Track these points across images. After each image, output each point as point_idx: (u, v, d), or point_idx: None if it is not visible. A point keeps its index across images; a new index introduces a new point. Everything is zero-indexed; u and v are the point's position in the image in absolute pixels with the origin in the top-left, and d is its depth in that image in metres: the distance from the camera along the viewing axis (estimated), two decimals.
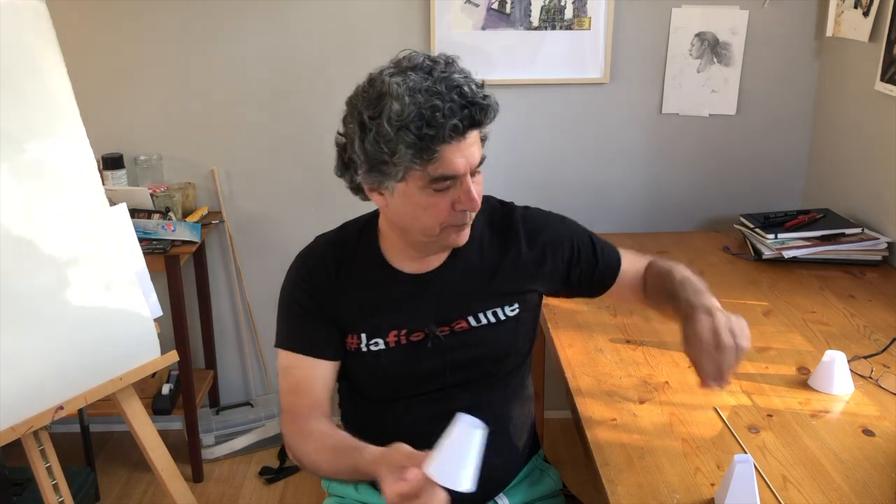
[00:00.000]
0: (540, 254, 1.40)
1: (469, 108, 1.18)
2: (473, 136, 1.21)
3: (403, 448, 1.08)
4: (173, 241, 2.34)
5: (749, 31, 2.50)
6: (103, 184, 1.77)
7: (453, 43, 2.44)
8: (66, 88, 1.64)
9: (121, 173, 2.48)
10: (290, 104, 2.57)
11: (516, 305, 1.39)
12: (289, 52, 2.52)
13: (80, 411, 2.36)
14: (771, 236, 2.22)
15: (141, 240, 2.01)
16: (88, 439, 2.46)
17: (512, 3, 2.44)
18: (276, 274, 2.67)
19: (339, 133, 1.29)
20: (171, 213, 2.39)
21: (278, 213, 2.67)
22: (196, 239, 2.38)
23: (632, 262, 1.49)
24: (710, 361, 1.19)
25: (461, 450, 1.02)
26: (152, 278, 1.85)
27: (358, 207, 1.50)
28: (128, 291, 1.75)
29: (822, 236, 2.21)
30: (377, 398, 1.38)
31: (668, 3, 2.48)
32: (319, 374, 1.36)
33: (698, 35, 2.51)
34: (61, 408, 1.64)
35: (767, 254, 2.19)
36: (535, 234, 1.41)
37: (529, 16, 2.46)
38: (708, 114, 2.59)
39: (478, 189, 1.25)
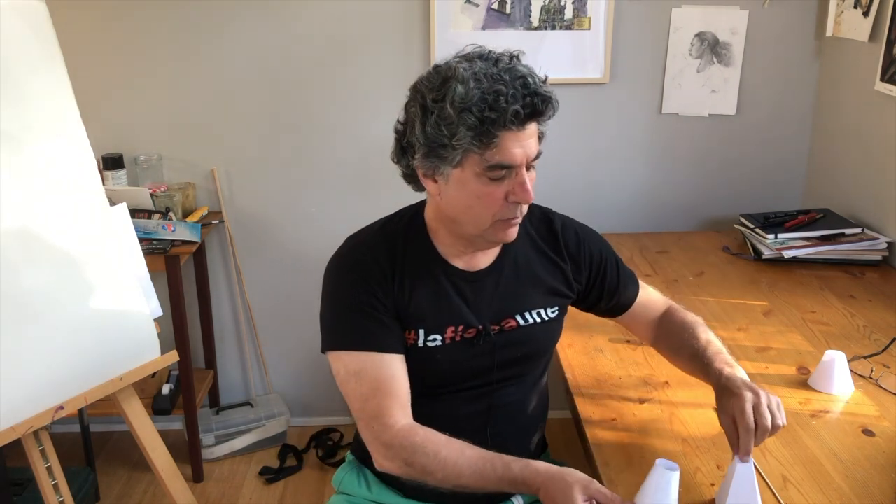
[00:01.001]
0: (576, 263, 1.44)
1: (532, 98, 1.20)
2: (532, 128, 1.23)
3: (581, 474, 1.15)
4: (173, 241, 2.34)
5: (749, 31, 2.50)
6: (103, 184, 1.77)
7: (453, 43, 2.44)
8: (67, 88, 1.64)
9: (121, 173, 2.48)
10: (290, 104, 2.57)
11: (556, 308, 1.42)
12: (289, 52, 2.52)
13: (80, 411, 2.35)
14: (771, 236, 2.22)
15: (141, 240, 2.01)
16: (88, 439, 2.46)
17: (512, 3, 2.44)
18: (276, 274, 2.71)
19: (398, 120, 1.31)
20: (171, 213, 2.39)
21: (278, 213, 2.67)
22: (196, 239, 2.38)
23: (649, 300, 1.53)
24: (747, 438, 1.18)
25: (664, 492, 1.13)
26: (152, 278, 1.85)
27: (358, 205, 1.50)
28: (128, 291, 1.75)
29: (822, 236, 2.21)
30: (422, 392, 1.36)
31: (668, 3, 2.48)
32: (399, 371, 1.30)
33: (698, 35, 2.51)
34: (61, 408, 1.64)
35: (767, 254, 2.19)
36: (574, 243, 1.44)
37: (529, 16, 2.46)
38: (708, 114, 2.59)
39: (531, 185, 1.26)
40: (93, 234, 1.69)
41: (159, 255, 2.28)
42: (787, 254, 2.17)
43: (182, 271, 2.36)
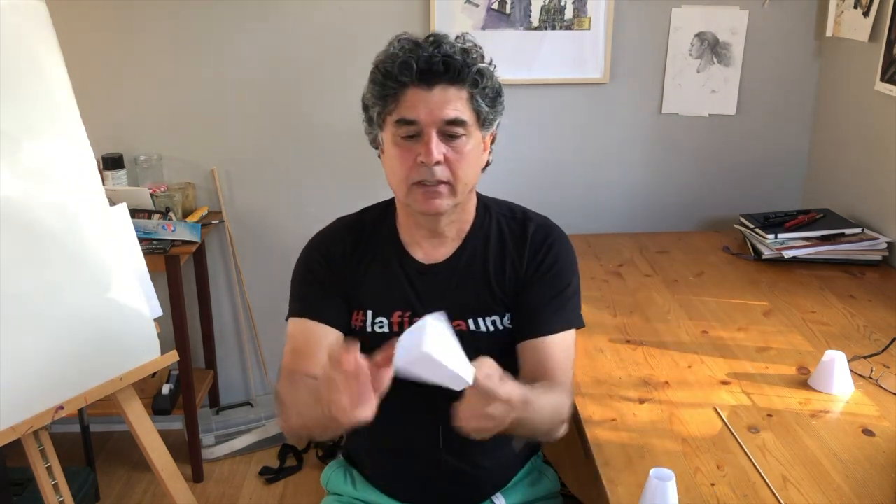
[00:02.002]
0: (529, 265, 1.37)
1: (433, 57, 1.23)
2: (448, 92, 1.25)
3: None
4: (173, 241, 2.34)
5: (749, 31, 2.50)
6: (103, 184, 1.77)
7: None
8: (66, 88, 1.64)
9: (121, 173, 2.48)
10: (289, 104, 2.57)
11: (509, 316, 1.36)
12: (288, 52, 2.52)
13: (80, 411, 2.35)
14: (771, 236, 2.22)
15: (141, 240, 2.01)
16: (88, 439, 2.46)
17: (512, 3, 2.44)
18: (276, 274, 2.71)
19: None
20: (171, 213, 2.39)
21: (278, 213, 2.68)
22: (196, 239, 2.38)
23: (548, 354, 1.32)
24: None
25: (661, 502, 1.10)
26: (152, 278, 1.85)
27: (358, 205, 1.51)
28: (128, 291, 1.75)
29: (822, 236, 2.21)
30: None
31: (668, 3, 2.48)
32: (323, 340, 1.34)
33: (698, 35, 2.51)
34: (61, 408, 1.64)
35: (767, 254, 2.19)
36: (538, 248, 1.37)
37: (529, 16, 2.45)
38: (708, 114, 2.59)
39: (455, 157, 1.26)
40: (93, 234, 1.69)
41: (159, 255, 2.28)
42: (787, 254, 2.17)
43: (182, 271, 2.36)
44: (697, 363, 1.65)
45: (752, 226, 2.31)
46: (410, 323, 1.36)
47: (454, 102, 1.25)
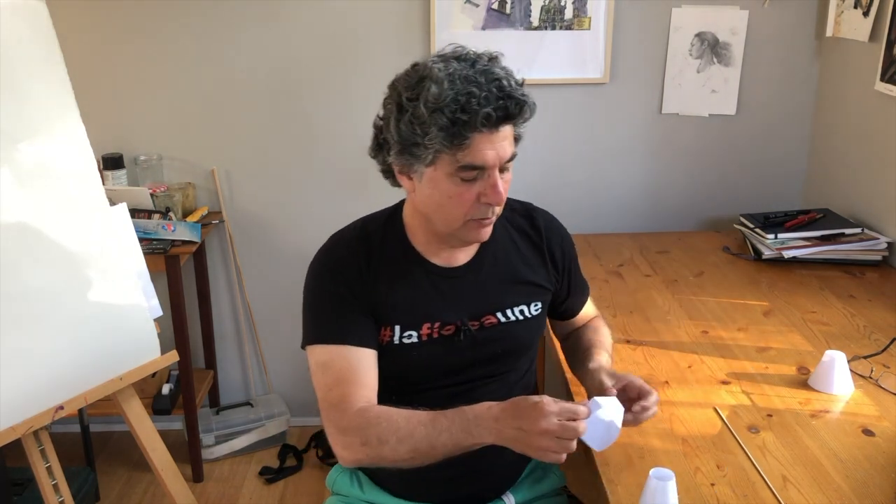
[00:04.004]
0: (553, 259, 1.46)
1: (505, 101, 1.20)
2: (507, 130, 1.24)
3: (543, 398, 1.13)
4: (173, 241, 2.34)
5: (749, 31, 2.50)
6: (103, 184, 1.77)
7: (453, 44, 2.44)
8: (67, 88, 1.64)
9: (121, 173, 2.48)
10: (290, 104, 2.57)
11: (539, 304, 1.43)
12: (289, 52, 2.52)
13: (80, 411, 2.35)
14: (771, 236, 2.22)
15: (141, 240, 2.01)
16: (88, 439, 2.46)
17: (512, 3, 2.44)
18: (277, 274, 2.71)
19: (378, 116, 1.32)
20: (171, 213, 2.39)
21: (278, 213, 2.68)
22: (196, 239, 2.38)
23: (584, 313, 1.59)
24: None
25: (662, 502, 1.14)
26: (152, 278, 1.85)
27: (358, 206, 1.51)
28: (128, 291, 1.75)
29: (822, 236, 2.21)
30: (400, 390, 1.36)
31: (668, 3, 2.48)
32: (365, 363, 1.31)
33: (698, 35, 2.51)
34: (61, 408, 1.64)
35: (767, 254, 2.19)
36: (556, 241, 1.46)
37: (529, 16, 2.46)
38: (708, 114, 2.59)
39: (505, 186, 1.27)
40: (93, 234, 1.69)
41: (159, 255, 2.28)
42: (787, 254, 2.17)
43: (182, 271, 2.36)
44: (697, 363, 1.65)
45: (752, 226, 2.31)
46: (440, 333, 1.35)
47: (510, 139, 1.25)
